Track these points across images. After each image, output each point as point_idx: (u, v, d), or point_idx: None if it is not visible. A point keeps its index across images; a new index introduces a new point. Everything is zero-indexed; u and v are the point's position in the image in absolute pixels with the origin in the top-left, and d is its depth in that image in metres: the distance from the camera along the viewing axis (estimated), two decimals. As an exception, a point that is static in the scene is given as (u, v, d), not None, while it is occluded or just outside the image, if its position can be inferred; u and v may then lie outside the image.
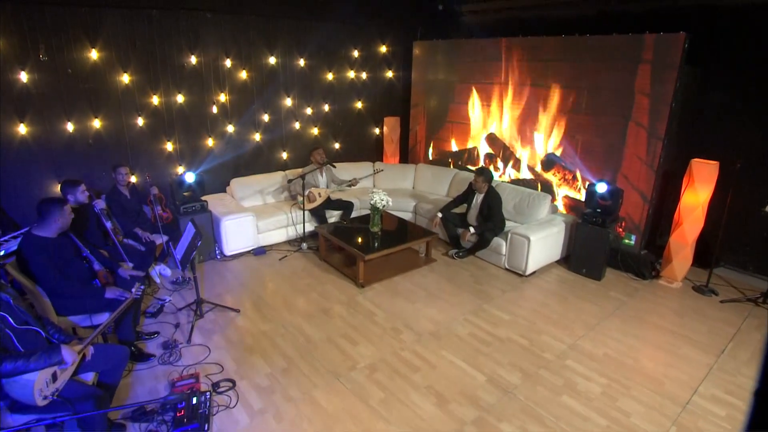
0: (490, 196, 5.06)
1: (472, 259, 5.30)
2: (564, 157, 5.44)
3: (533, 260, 4.78)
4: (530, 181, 5.87)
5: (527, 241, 4.69)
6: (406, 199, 6.21)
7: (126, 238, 4.53)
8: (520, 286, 4.72)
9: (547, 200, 5.27)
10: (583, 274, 4.93)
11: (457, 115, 6.61)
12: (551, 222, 5.09)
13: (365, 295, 4.48)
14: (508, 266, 4.99)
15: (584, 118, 5.14)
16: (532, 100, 5.61)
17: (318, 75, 6.47)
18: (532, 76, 5.56)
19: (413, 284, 4.69)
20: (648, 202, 4.81)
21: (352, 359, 3.51)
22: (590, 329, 3.97)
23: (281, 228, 5.56)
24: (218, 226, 5.08)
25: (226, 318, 4.04)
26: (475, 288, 4.64)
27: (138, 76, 5.06)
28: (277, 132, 6.30)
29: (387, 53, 7.04)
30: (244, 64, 5.77)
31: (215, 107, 5.68)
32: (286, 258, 5.27)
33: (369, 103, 7.11)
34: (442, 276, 4.89)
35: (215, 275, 4.85)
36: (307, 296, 4.44)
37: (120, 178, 4.49)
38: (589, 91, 5.04)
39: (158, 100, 5.25)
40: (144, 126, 5.23)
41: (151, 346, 3.64)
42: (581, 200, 5.36)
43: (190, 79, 5.42)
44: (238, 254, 5.29)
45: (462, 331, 3.90)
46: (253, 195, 5.83)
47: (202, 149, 5.74)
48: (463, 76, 6.38)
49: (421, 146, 7.33)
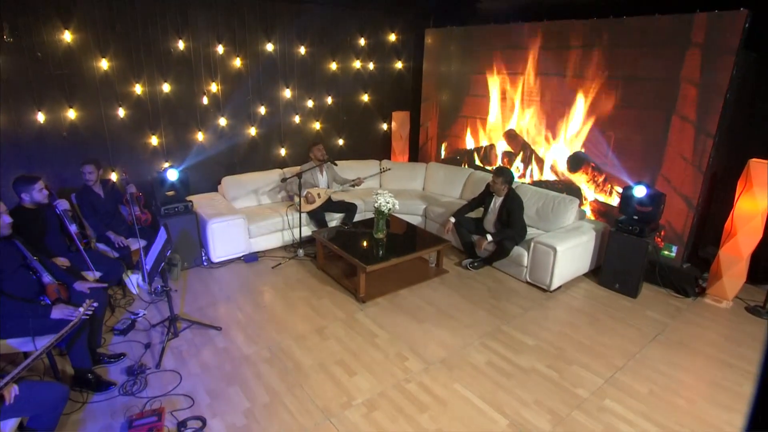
0: (510, 199, 4.46)
1: (488, 271, 4.71)
2: (594, 156, 4.82)
3: (559, 273, 4.18)
4: (554, 183, 5.26)
5: (553, 252, 4.09)
6: (415, 201, 5.63)
7: (99, 243, 4.04)
8: (544, 303, 4.12)
9: (574, 205, 4.65)
10: (616, 289, 4.31)
11: (472, 109, 6.02)
12: (579, 229, 4.48)
13: (366, 311, 3.92)
14: (529, 279, 4.39)
15: (619, 112, 4.52)
16: (557, 91, 5.00)
17: (320, 64, 5.92)
18: (558, 65, 4.94)
19: (421, 299, 4.12)
20: (693, 209, 4.18)
21: (347, 393, 2.95)
22: (629, 358, 3.36)
23: (276, 232, 5.02)
24: (205, 229, 4.56)
25: (205, 337, 3.51)
26: (493, 305, 4.06)
27: (118, 62, 4.55)
28: (274, 126, 5.76)
29: (396, 42, 6.46)
30: (238, 51, 5.25)
31: (206, 98, 5.16)
32: (279, 266, 4.73)
33: (376, 96, 6.55)
34: (455, 290, 4.31)
35: (199, 285, 4.33)
36: (300, 312, 3.89)
37: (88, 177, 3.98)
38: (625, 80, 4.42)
39: (141, 90, 4.75)
40: (126, 118, 4.73)
41: (115, 371, 3.12)
42: (613, 205, 4.74)
43: (178, 67, 4.91)
44: (226, 261, 4.77)
45: (478, 358, 3.32)
46: (247, 195, 5.30)
47: (190, 144, 5.23)
48: (479, 66, 5.79)
49: (432, 143, 6.75)
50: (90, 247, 3.83)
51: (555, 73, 4.98)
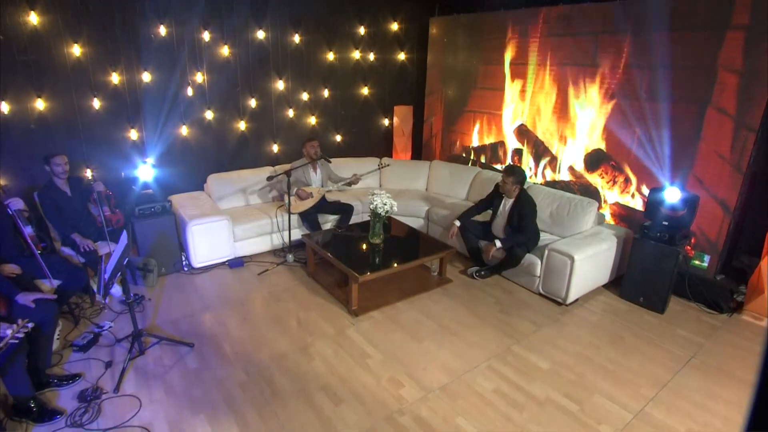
0: (522, 201, 4.01)
1: (496, 280, 4.26)
2: (615, 154, 4.35)
3: (577, 285, 3.72)
4: (570, 184, 4.79)
5: (570, 261, 3.64)
6: (418, 202, 5.19)
7: (64, 246, 3.65)
8: (559, 318, 3.67)
9: (592, 208, 4.18)
10: (641, 303, 3.84)
11: (480, 103, 5.56)
12: (598, 236, 4.01)
13: (359, 326, 3.49)
14: (543, 291, 3.93)
15: (644, 105, 4.04)
16: (574, 82, 4.53)
17: (316, 54, 5.50)
18: (575, 54, 4.48)
19: (422, 313, 3.68)
20: (729, 213, 3.69)
21: (330, 426, 2.53)
22: (661, 387, 2.90)
23: (264, 235, 4.60)
24: (185, 231, 4.15)
25: (175, 356, 3.10)
26: (502, 320, 3.60)
27: (92, 48, 4.16)
28: (266, 120, 5.35)
29: (399, 31, 6.02)
30: (226, 38, 4.84)
31: (190, 89, 4.76)
32: (266, 273, 4.31)
33: (377, 89, 6.11)
34: (459, 302, 3.86)
35: (177, 293, 3.92)
36: (285, 327, 3.47)
37: (59, 170, 3.58)
38: (652, 69, 3.94)
39: (119, 79, 4.36)
40: (101, 109, 4.34)
41: (66, 395, 2.71)
42: (636, 209, 4.27)
43: (159, 55, 4.51)
44: (209, 266, 4.36)
45: (484, 385, 2.87)
46: (234, 194, 4.89)
47: (174, 139, 4.83)
48: (488, 56, 5.33)
49: (437, 140, 6.31)
50: (52, 251, 3.44)
51: (572, 63, 4.51)
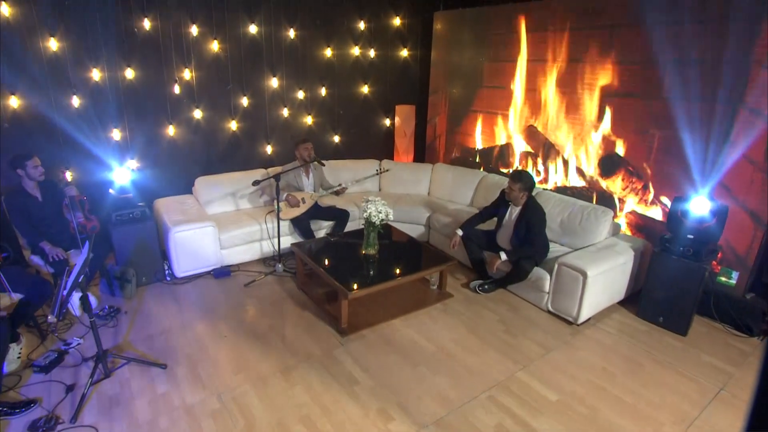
0: (531, 210, 3.67)
1: (501, 295, 3.92)
2: (632, 158, 4.00)
3: (590, 303, 3.38)
4: (582, 190, 4.45)
5: (582, 277, 3.30)
6: (418, 208, 4.87)
7: (34, 255, 3.40)
8: (569, 340, 3.33)
9: (607, 217, 3.83)
10: (660, 324, 3.49)
11: (486, 102, 5.23)
12: (613, 248, 3.66)
13: (348, 347, 3.18)
14: (552, 309, 3.59)
15: (665, 105, 3.69)
16: (588, 80, 4.19)
17: (313, 50, 5.21)
18: (589, 49, 4.13)
19: (418, 332, 3.36)
20: (762, 225, 3.33)
21: (307, 470, 2.23)
22: (687, 424, 2.55)
23: (253, 242, 4.32)
24: (167, 238, 3.88)
25: (145, 378, 2.82)
26: (506, 342, 3.27)
27: (71, 42, 3.91)
28: (259, 120, 5.07)
29: (401, 27, 5.71)
30: (216, 33, 4.56)
31: (177, 86, 4.49)
32: (253, 284, 4.02)
33: (377, 88, 5.80)
34: (460, 320, 3.54)
35: (155, 306, 3.65)
36: (267, 346, 3.17)
37: (33, 173, 3.32)
38: (674, 65, 3.59)
39: (100, 75, 4.10)
40: (81, 107, 4.09)
41: (17, 426, 2.44)
42: (656, 219, 3.91)
43: (144, 50, 4.25)
44: (193, 275, 4.08)
45: (485, 420, 2.55)
46: (223, 198, 4.61)
47: (160, 139, 4.57)
48: (495, 52, 5.00)
49: (440, 141, 5.98)
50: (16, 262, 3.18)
51: (587, 59, 4.16)
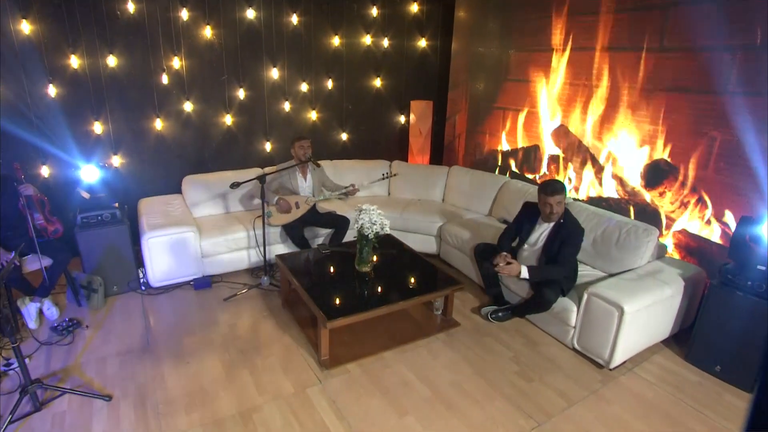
0: (568, 227, 3.04)
1: (518, 324, 3.32)
2: (684, 165, 3.31)
3: (625, 344, 2.75)
4: (620, 202, 3.78)
5: (618, 313, 2.67)
6: (430, 216, 4.30)
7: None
8: (599, 389, 2.70)
9: (651, 237, 3.16)
10: (717, 374, 2.81)
11: (511, 98, 4.61)
12: (658, 276, 3.00)
13: (327, 384, 2.67)
14: (578, 347, 2.97)
15: (729, 102, 2.99)
16: (629, 72, 3.52)
17: (319, 39, 4.72)
18: (632, 35, 3.46)
19: (412, 370, 2.82)
20: None
21: None
22: None
23: (240, 250, 3.88)
24: (141, 244, 3.49)
25: (83, 413, 2.40)
26: (519, 389, 2.68)
27: (46, 25, 3.57)
28: (257, 114, 4.63)
29: (419, 13, 5.14)
30: (209, 18, 4.14)
31: (165, 76, 4.10)
32: (234, 298, 3.58)
33: (391, 81, 5.26)
34: (465, 357, 2.97)
35: (121, 320, 3.25)
36: (234, 378, 2.71)
37: None
38: (746, 55, 2.89)
39: (79, 63, 3.75)
40: (58, 98, 3.75)
41: None
42: (713, 241, 3.22)
43: (128, 35, 3.87)
44: (171, 285, 3.68)
45: (482, 502, 1.99)
46: (212, 200, 4.20)
47: (146, 133, 4.20)
48: (523, 41, 4.37)
49: (460, 142, 5.39)
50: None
51: (631, 46, 3.50)
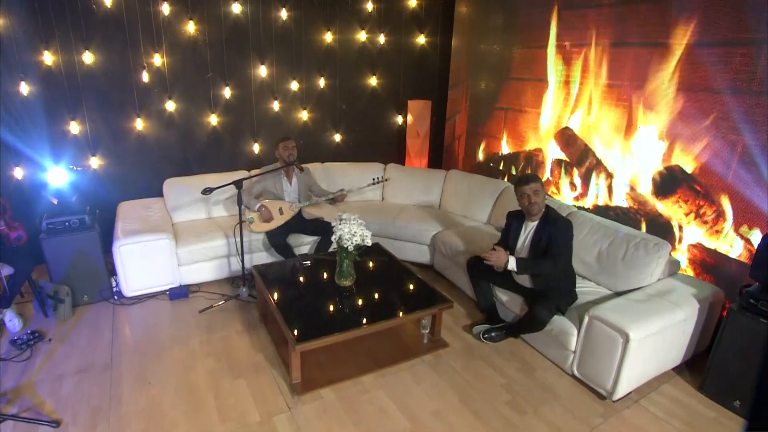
0: (552, 220, 2.78)
1: (512, 345, 3.04)
2: (701, 174, 3.00)
3: (631, 374, 2.46)
4: (629, 212, 3.47)
5: (623, 339, 2.38)
6: (423, 224, 4.04)
7: (-53, 268, 2.87)
8: (599, 425, 2.41)
9: (662, 252, 2.85)
10: (736, 410, 2.50)
11: (512, 98, 4.32)
12: (669, 297, 2.70)
13: (296, 412, 2.43)
14: (578, 374, 2.68)
15: (750, 102, 2.68)
16: (640, 70, 3.21)
17: (310, 34, 4.48)
18: (643, 29, 3.16)
19: (392, 397, 2.56)
20: None
21: None
22: None
23: (219, 258, 3.66)
24: (113, 252, 3.29)
25: (25, 442, 2.20)
26: (509, 421, 2.41)
27: (15, 18, 3.39)
28: (244, 114, 4.41)
29: (417, 8, 4.88)
30: (192, 12, 3.93)
31: (146, 74, 3.90)
32: (210, 310, 3.35)
33: (387, 80, 5.00)
34: (452, 382, 2.70)
35: (87, 333, 3.05)
36: (196, 402, 2.48)
37: None
38: None
39: (53, 59, 3.57)
40: (31, 96, 3.57)
41: None
42: (730, 257, 2.90)
43: (105, 30, 3.68)
44: (145, 295, 3.48)
45: None
46: (193, 204, 3.99)
47: (126, 134, 4.00)
48: (526, 37, 4.08)
49: (460, 144, 5.12)
50: None
51: (641, 41, 3.19)
